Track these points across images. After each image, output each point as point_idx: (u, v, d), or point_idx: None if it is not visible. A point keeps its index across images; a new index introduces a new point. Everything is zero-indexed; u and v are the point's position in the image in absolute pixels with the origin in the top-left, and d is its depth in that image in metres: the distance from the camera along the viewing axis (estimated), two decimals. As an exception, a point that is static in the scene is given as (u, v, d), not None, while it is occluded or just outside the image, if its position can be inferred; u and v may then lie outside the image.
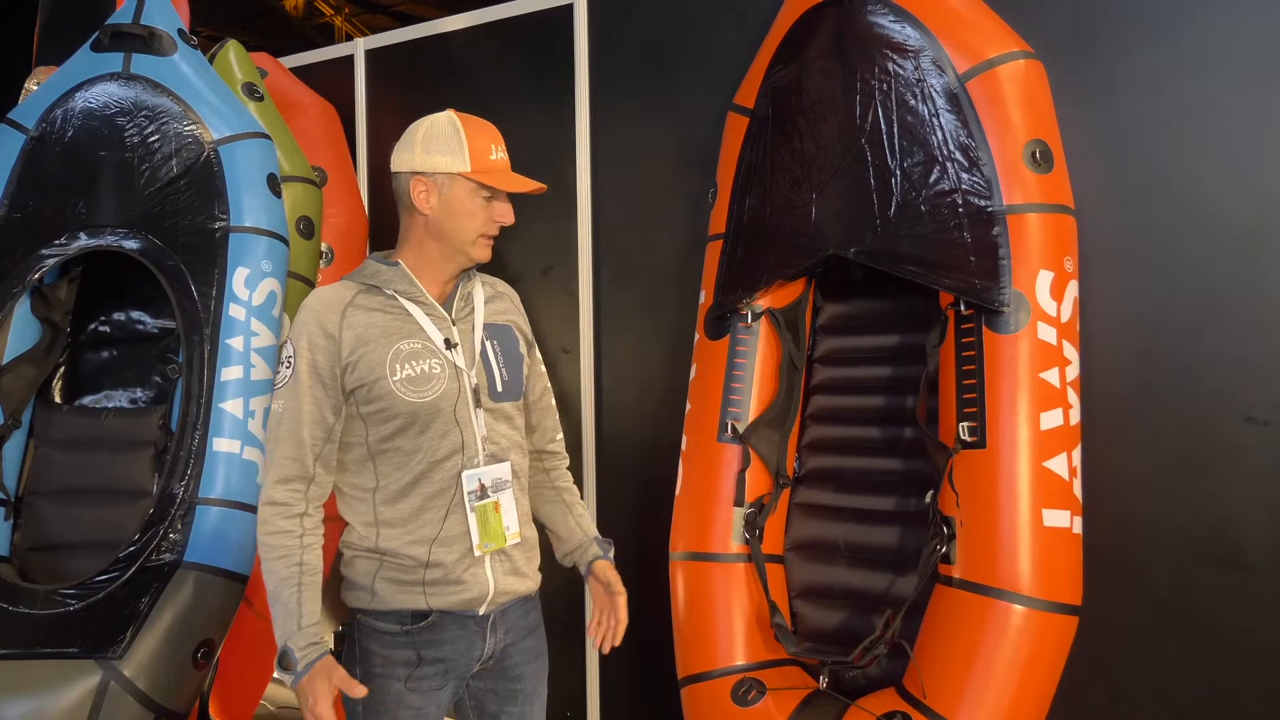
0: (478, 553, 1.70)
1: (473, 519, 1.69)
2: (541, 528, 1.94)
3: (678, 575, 2.29)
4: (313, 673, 1.60)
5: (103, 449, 2.49)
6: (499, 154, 1.73)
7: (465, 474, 1.69)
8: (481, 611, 1.73)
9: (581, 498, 2.00)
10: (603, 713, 2.96)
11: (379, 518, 1.70)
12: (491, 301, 1.83)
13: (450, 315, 1.74)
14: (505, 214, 1.73)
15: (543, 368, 1.96)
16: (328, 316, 1.67)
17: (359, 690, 1.62)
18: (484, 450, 1.72)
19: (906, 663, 2.00)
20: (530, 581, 1.82)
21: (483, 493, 1.71)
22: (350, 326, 1.66)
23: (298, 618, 1.62)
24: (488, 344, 1.77)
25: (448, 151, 1.68)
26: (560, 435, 2.00)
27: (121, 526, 2.35)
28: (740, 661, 2.17)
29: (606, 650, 1.85)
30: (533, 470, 1.94)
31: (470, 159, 1.68)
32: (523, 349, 1.85)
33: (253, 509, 2.35)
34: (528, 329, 1.91)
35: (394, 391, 1.65)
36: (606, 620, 1.84)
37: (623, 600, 1.84)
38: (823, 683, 2.11)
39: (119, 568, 2.20)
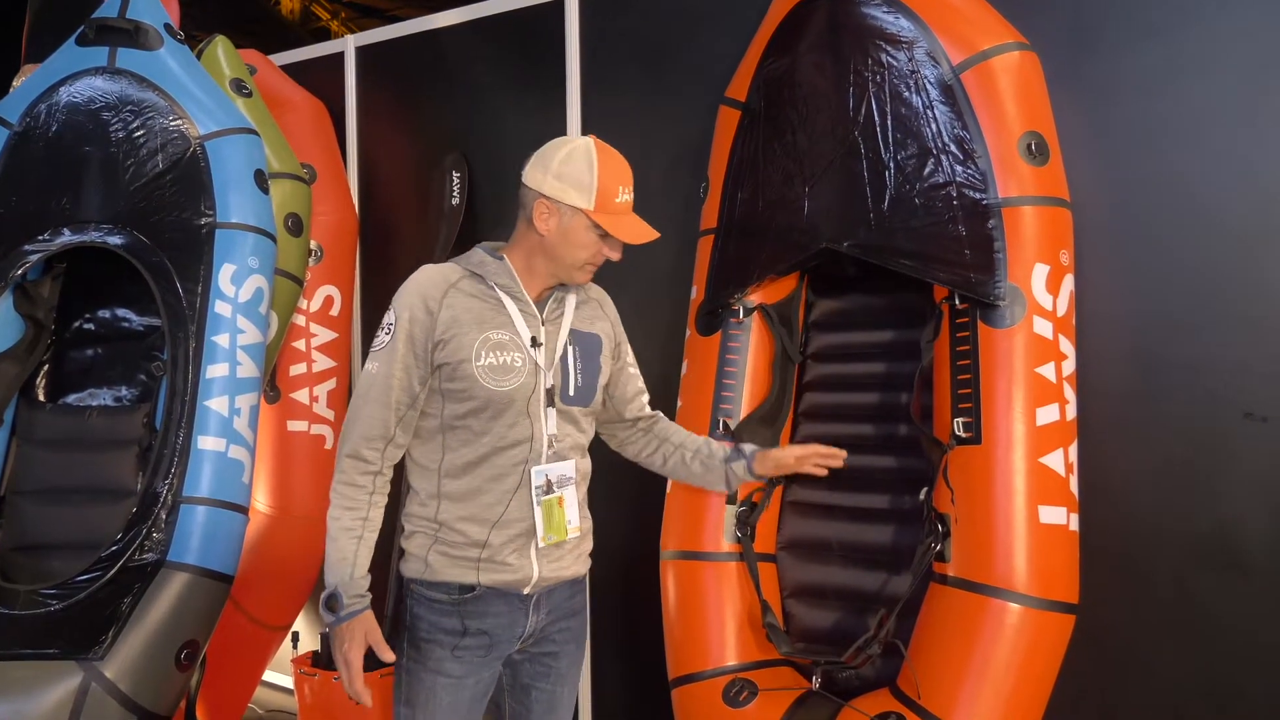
0: (542, 544, 1.79)
1: (539, 512, 1.78)
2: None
3: (669, 574, 2.27)
4: (353, 621, 1.71)
5: (86, 448, 2.47)
6: (625, 196, 1.78)
7: (534, 469, 1.78)
8: (526, 592, 1.80)
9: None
10: (594, 714, 2.93)
11: (441, 490, 1.78)
12: (582, 307, 1.90)
13: (541, 315, 1.81)
14: (615, 252, 1.81)
15: (634, 369, 2.01)
16: (431, 293, 1.76)
17: (388, 654, 1.72)
18: (549, 447, 1.80)
19: (901, 662, 1.97)
20: (576, 567, 1.88)
21: (549, 488, 1.80)
22: (449, 307, 1.75)
23: (351, 567, 1.73)
24: (570, 349, 1.84)
25: (577, 185, 1.74)
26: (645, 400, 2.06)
27: (105, 526, 2.31)
28: (732, 662, 2.14)
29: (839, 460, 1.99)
30: (638, 436, 2.07)
31: (596, 199, 1.74)
32: (604, 358, 1.91)
33: (238, 508, 2.33)
34: (617, 331, 1.98)
35: (475, 375, 1.73)
36: (811, 457, 1.98)
37: (798, 450, 1.99)
38: (815, 683, 2.08)
39: (101, 567, 2.17)
